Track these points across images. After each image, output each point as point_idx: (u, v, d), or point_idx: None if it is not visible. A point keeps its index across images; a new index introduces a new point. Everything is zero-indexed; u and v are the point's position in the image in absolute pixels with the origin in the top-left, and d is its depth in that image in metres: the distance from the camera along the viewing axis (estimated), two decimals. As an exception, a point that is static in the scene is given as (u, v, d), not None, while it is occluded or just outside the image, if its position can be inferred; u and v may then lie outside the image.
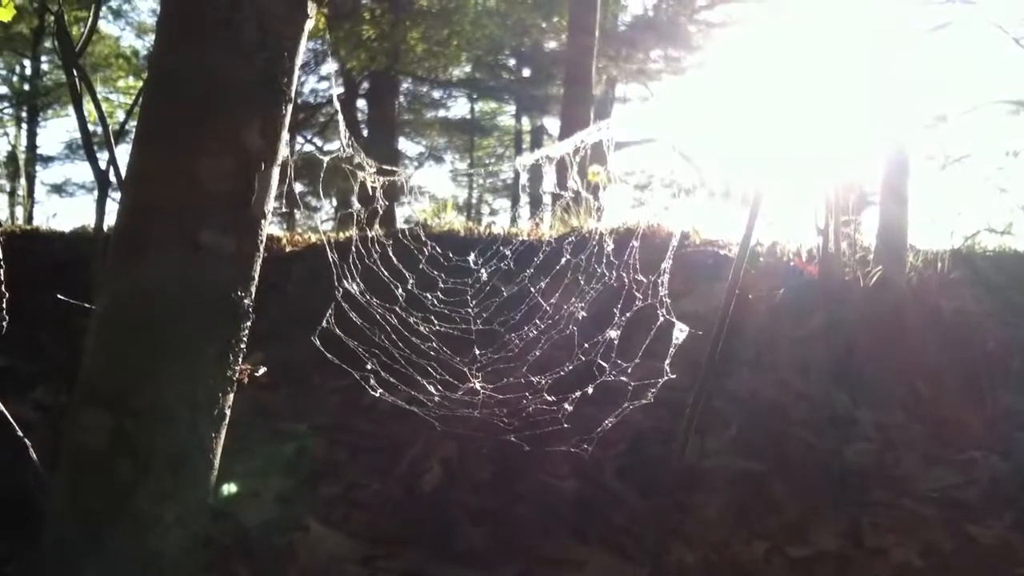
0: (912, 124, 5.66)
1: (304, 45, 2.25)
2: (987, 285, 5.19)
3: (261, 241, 2.19)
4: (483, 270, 3.98)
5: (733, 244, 5.11)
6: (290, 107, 2.21)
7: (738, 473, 3.60)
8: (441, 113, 26.83)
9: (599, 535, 3.21)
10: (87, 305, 2.48)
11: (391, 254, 3.73)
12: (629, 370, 3.01)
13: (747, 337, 4.36)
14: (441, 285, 3.81)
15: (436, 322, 3.44)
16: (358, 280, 3.28)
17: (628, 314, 3.12)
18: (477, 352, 3.38)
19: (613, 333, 3.09)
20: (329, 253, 3.21)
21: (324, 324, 2.98)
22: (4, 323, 2.60)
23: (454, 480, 3.44)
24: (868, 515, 3.39)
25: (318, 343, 2.91)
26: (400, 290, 3.51)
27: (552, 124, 24.39)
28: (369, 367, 3.07)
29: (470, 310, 3.68)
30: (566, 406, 2.94)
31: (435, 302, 3.63)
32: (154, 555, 2.03)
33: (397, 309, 3.35)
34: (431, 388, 3.03)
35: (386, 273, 3.55)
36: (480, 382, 3.11)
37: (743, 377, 4.19)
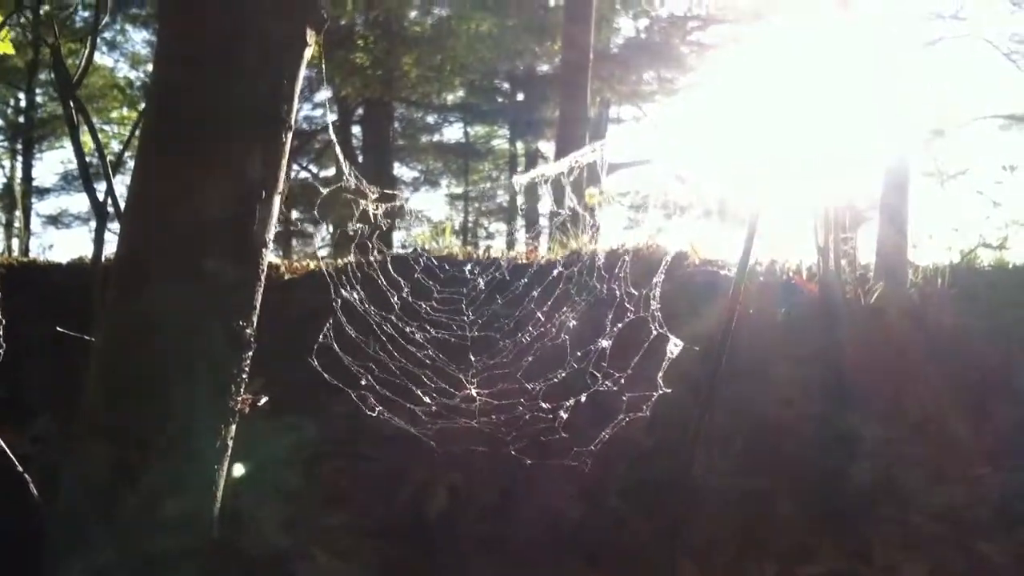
0: (909, 140, 5.66)
1: (303, 72, 2.24)
2: (987, 300, 5.18)
3: (262, 270, 2.17)
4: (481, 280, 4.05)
5: (732, 264, 5.10)
6: (291, 134, 2.20)
7: (745, 493, 3.58)
8: (436, 138, 26.92)
9: (608, 558, 3.18)
10: (86, 337, 2.47)
11: (386, 281, 3.72)
12: (623, 382, 2.99)
13: (748, 356, 4.33)
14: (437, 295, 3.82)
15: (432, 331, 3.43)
16: (360, 298, 3.27)
17: (620, 325, 3.12)
18: (473, 358, 3.36)
19: (605, 343, 3.09)
20: (327, 279, 3.20)
21: (325, 350, 2.96)
22: (1, 348, 2.58)
23: (460, 506, 3.41)
24: (877, 533, 3.37)
25: (315, 363, 2.89)
26: (396, 307, 3.50)
27: (547, 147, 24.48)
28: (364, 382, 3.04)
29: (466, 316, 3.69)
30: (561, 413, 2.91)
31: (429, 310, 3.62)
32: (158, 589, 2.00)
33: (394, 320, 3.33)
34: (428, 403, 3.00)
35: (385, 289, 3.54)
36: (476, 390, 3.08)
37: (746, 397, 4.16)
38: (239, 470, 2.63)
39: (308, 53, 2.24)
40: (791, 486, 3.65)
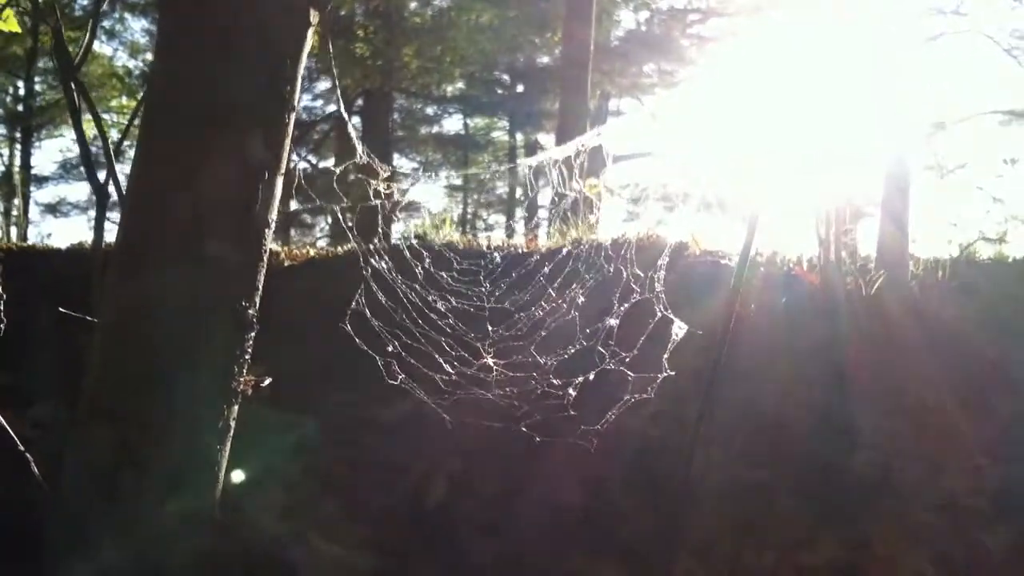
0: (910, 135, 5.65)
1: (306, 53, 2.23)
2: (987, 293, 5.17)
3: (265, 252, 2.16)
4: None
5: (732, 254, 5.10)
6: (293, 116, 2.19)
7: (745, 484, 3.57)
8: (435, 129, 26.83)
9: (608, 549, 3.18)
10: (88, 318, 2.46)
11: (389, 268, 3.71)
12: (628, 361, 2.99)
13: (750, 348, 4.32)
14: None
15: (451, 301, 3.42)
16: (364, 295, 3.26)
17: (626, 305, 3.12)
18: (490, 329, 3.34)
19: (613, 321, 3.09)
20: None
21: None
22: (2, 324, 2.58)
23: (460, 495, 3.41)
24: (877, 524, 3.37)
25: (349, 328, 2.87)
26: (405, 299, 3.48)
27: (546, 139, 24.44)
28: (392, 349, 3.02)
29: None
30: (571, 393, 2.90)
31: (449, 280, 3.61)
32: (158, 568, 2.00)
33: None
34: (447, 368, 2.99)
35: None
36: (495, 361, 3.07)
37: (747, 389, 4.16)
38: (238, 476, 2.62)
39: (310, 33, 2.22)
40: (791, 477, 3.65)
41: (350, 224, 3.74)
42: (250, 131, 2.11)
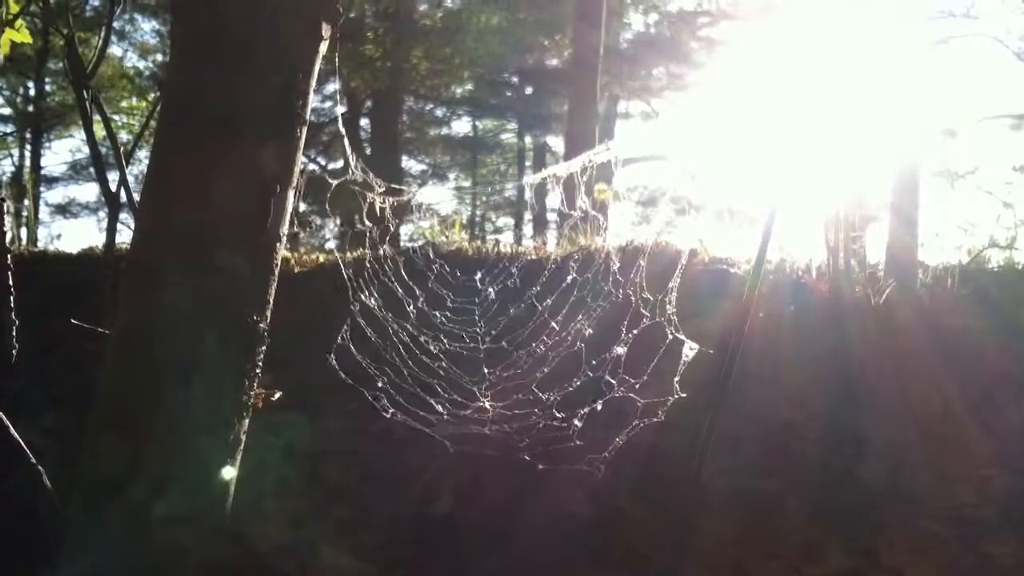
0: (920, 139, 5.64)
1: (318, 67, 2.24)
2: (997, 301, 5.16)
3: (276, 264, 2.18)
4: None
5: (741, 262, 5.10)
6: (305, 129, 2.20)
7: (752, 493, 3.57)
8: (444, 131, 26.83)
9: (614, 558, 3.18)
10: (99, 329, 2.48)
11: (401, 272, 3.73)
12: (638, 387, 2.99)
13: (758, 355, 4.32)
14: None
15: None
16: (374, 296, 3.27)
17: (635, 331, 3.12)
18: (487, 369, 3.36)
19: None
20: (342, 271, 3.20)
21: (339, 342, 2.97)
22: (14, 351, 2.59)
23: (468, 504, 3.42)
24: (884, 534, 3.36)
25: (333, 361, 2.89)
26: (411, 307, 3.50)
27: (555, 142, 24.45)
28: (380, 385, 3.04)
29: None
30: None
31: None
32: (171, 581, 2.01)
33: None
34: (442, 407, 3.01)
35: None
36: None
37: (755, 396, 4.16)
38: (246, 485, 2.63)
39: (323, 48, 2.24)
40: (798, 486, 3.65)
41: (357, 228, 3.75)
42: (262, 144, 2.12)
